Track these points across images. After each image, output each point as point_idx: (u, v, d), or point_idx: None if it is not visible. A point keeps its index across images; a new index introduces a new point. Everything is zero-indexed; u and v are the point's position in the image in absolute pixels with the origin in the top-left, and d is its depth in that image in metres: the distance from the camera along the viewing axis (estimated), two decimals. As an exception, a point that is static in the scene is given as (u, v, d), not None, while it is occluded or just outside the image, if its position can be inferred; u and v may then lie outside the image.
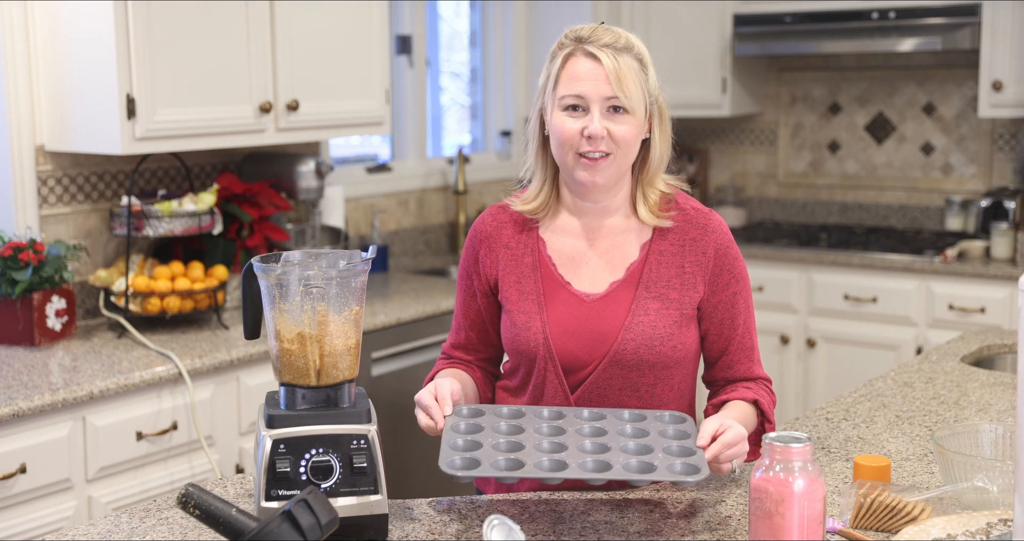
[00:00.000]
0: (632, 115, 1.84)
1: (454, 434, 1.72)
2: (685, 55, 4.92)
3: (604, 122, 1.83)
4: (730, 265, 1.91)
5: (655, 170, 1.91)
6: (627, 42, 1.85)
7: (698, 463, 1.63)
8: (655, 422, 1.76)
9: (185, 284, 3.19)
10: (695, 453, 1.66)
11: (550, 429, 1.74)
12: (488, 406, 1.82)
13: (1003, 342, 2.91)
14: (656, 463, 1.63)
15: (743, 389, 1.92)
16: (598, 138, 1.82)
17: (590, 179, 1.86)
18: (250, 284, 1.73)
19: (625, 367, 1.87)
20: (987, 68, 4.30)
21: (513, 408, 1.81)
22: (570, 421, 1.76)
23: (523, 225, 1.96)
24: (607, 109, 1.83)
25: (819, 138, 5.12)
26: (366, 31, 3.68)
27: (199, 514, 1.44)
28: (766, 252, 4.56)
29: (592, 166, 1.84)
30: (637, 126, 1.85)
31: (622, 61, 1.83)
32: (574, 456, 1.65)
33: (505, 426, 1.75)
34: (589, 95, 1.82)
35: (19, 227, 3.14)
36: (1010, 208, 4.36)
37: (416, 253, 4.52)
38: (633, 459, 1.64)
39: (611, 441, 1.70)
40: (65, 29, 3.08)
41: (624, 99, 1.82)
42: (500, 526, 1.55)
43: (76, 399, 2.62)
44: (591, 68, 1.83)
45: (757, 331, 2.04)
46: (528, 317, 1.90)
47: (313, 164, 3.63)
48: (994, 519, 1.62)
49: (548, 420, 1.77)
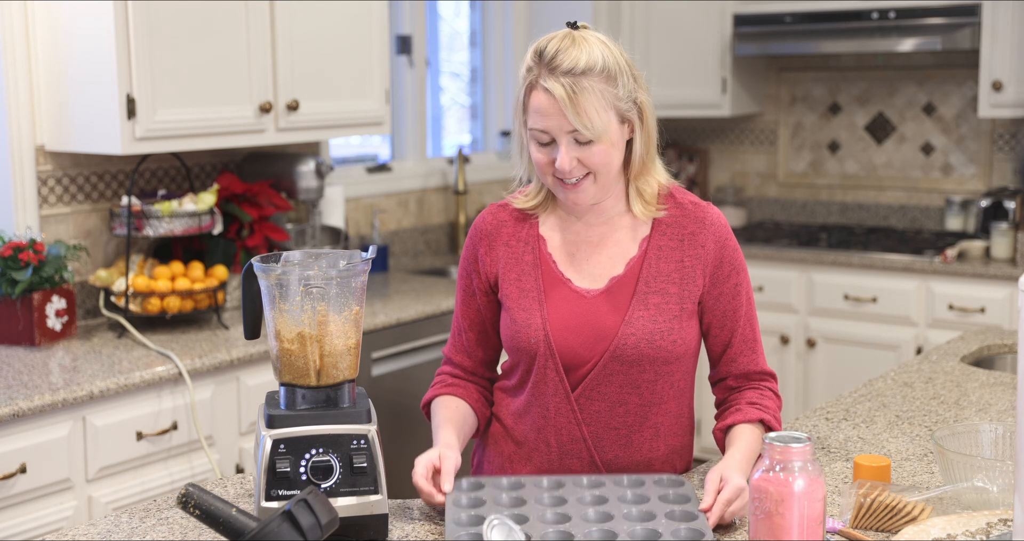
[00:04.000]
0: (599, 141, 1.81)
1: (457, 509, 1.69)
2: (685, 55, 4.92)
3: (573, 153, 1.81)
4: (730, 256, 1.91)
5: (641, 167, 1.90)
6: (588, 62, 1.78)
7: (702, 528, 1.62)
8: (654, 487, 1.75)
9: (185, 284, 3.20)
10: (697, 517, 1.65)
11: (552, 500, 1.72)
12: (487, 479, 1.79)
13: (1003, 342, 2.91)
14: (660, 530, 1.62)
15: (747, 406, 1.91)
16: (568, 171, 1.82)
17: (573, 200, 1.86)
18: (250, 284, 1.73)
19: (625, 363, 1.87)
20: (987, 68, 4.30)
21: (512, 479, 1.79)
22: (570, 490, 1.75)
23: (523, 223, 1.96)
24: (573, 142, 1.81)
25: (819, 138, 5.12)
26: (366, 31, 3.68)
27: (199, 514, 1.44)
28: (766, 252, 4.56)
29: (573, 189, 1.85)
30: (609, 146, 1.82)
31: (581, 89, 1.77)
32: (579, 527, 1.63)
33: (507, 498, 1.72)
34: (552, 130, 1.81)
35: (19, 227, 3.14)
36: (1010, 208, 4.36)
37: (416, 253, 4.52)
38: (638, 526, 1.63)
39: (613, 509, 1.68)
40: (65, 29, 3.08)
41: (585, 131, 1.78)
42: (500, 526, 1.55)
43: (76, 399, 2.62)
44: (550, 103, 1.79)
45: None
46: (528, 314, 1.90)
47: (313, 164, 3.63)
48: (994, 519, 1.62)
49: (548, 490, 1.75)
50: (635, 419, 1.89)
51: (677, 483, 1.76)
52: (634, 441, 1.90)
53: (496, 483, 1.77)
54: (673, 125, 5.37)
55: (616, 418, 1.89)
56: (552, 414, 1.90)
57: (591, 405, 1.89)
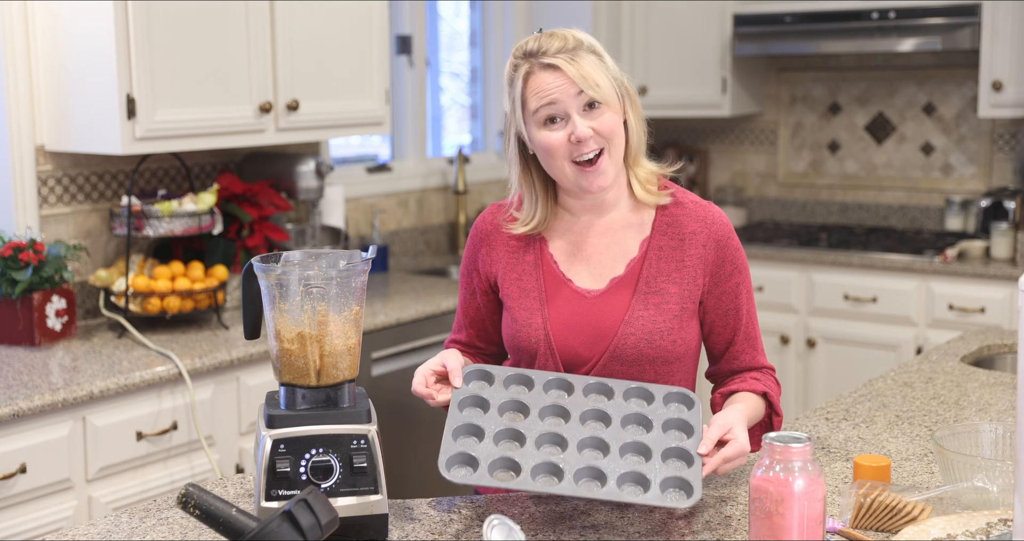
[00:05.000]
0: (608, 106, 1.84)
1: (451, 438, 1.71)
2: (685, 55, 4.92)
3: (586, 122, 1.83)
4: (732, 256, 1.92)
5: (637, 149, 1.91)
6: (575, 40, 1.84)
7: (692, 480, 1.63)
8: (660, 408, 1.76)
9: (185, 284, 3.20)
10: (693, 463, 1.66)
11: (552, 410, 1.74)
12: (495, 369, 1.81)
13: (1003, 342, 2.91)
14: (650, 477, 1.63)
15: (751, 380, 1.93)
16: (586, 139, 1.82)
17: (595, 184, 1.86)
18: (250, 284, 1.73)
19: (625, 362, 1.87)
20: (987, 68, 4.30)
21: (516, 384, 1.81)
22: (575, 401, 1.76)
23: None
24: (583, 109, 1.83)
25: (819, 138, 5.12)
26: (366, 31, 3.68)
27: (199, 514, 1.44)
28: (766, 252, 4.56)
29: (592, 171, 1.85)
30: (617, 114, 1.86)
31: (579, 59, 1.82)
32: (571, 459, 1.65)
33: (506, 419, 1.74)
34: (561, 100, 1.82)
35: (19, 227, 3.14)
36: (1010, 208, 4.36)
37: (416, 253, 4.52)
38: (628, 470, 1.64)
39: (610, 438, 1.69)
40: (65, 29, 3.08)
41: (596, 92, 1.82)
42: (500, 526, 1.55)
43: (76, 399, 2.62)
44: (553, 78, 1.82)
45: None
46: (529, 314, 1.91)
47: (313, 164, 3.63)
48: (994, 519, 1.62)
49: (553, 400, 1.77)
50: None
51: (687, 403, 1.77)
52: None
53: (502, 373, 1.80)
54: (673, 125, 5.37)
55: None
56: None
57: None
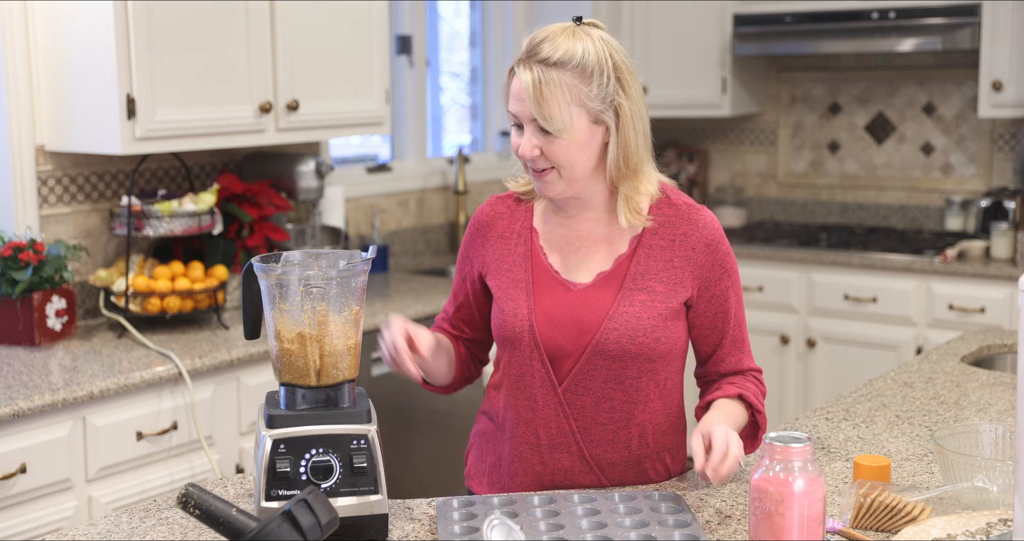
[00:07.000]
0: (561, 135, 1.81)
1: (449, 523, 1.69)
2: (685, 55, 4.92)
3: (535, 141, 1.83)
4: (722, 260, 1.92)
5: (618, 173, 1.87)
6: (565, 55, 1.78)
7: (696, 534, 1.63)
8: (645, 500, 1.77)
9: (185, 284, 3.20)
10: (691, 524, 1.66)
11: (545, 513, 1.72)
12: (477, 497, 1.80)
13: (1003, 342, 2.91)
14: (655, 535, 1.63)
15: (727, 385, 1.95)
16: (530, 158, 1.84)
17: (542, 191, 1.89)
18: (250, 284, 1.73)
19: (608, 357, 1.88)
20: (987, 68, 4.30)
21: (503, 497, 1.80)
22: (562, 504, 1.76)
23: (519, 215, 1.98)
24: (537, 129, 1.83)
25: (819, 138, 5.12)
26: (366, 31, 3.68)
27: (199, 514, 1.44)
28: (766, 252, 4.56)
29: (539, 178, 1.87)
30: (571, 143, 1.82)
31: (548, 80, 1.78)
32: (574, 534, 1.64)
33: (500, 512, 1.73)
34: (520, 115, 1.84)
35: (19, 227, 3.14)
36: (1010, 208, 4.36)
37: (416, 253, 4.52)
38: (632, 533, 1.64)
39: (607, 519, 1.69)
40: (65, 29, 3.08)
41: (544, 122, 1.80)
42: (500, 526, 1.55)
43: (76, 399, 2.62)
44: (519, 89, 1.82)
45: (757, 331, 2.05)
46: (515, 304, 1.92)
47: (313, 164, 3.63)
48: (994, 519, 1.62)
49: (540, 506, 1.75)
50: (621, 415, 1.91)
51: (672, 499, 1.77)
52: (621, 437, 1.91)
53: (487, 501, 1.78)
54: (673, 125, 5.37)
55: (602, 413, 1.91)
56: (540, 406, 1.91)
57: (577, 399, 1.90)
